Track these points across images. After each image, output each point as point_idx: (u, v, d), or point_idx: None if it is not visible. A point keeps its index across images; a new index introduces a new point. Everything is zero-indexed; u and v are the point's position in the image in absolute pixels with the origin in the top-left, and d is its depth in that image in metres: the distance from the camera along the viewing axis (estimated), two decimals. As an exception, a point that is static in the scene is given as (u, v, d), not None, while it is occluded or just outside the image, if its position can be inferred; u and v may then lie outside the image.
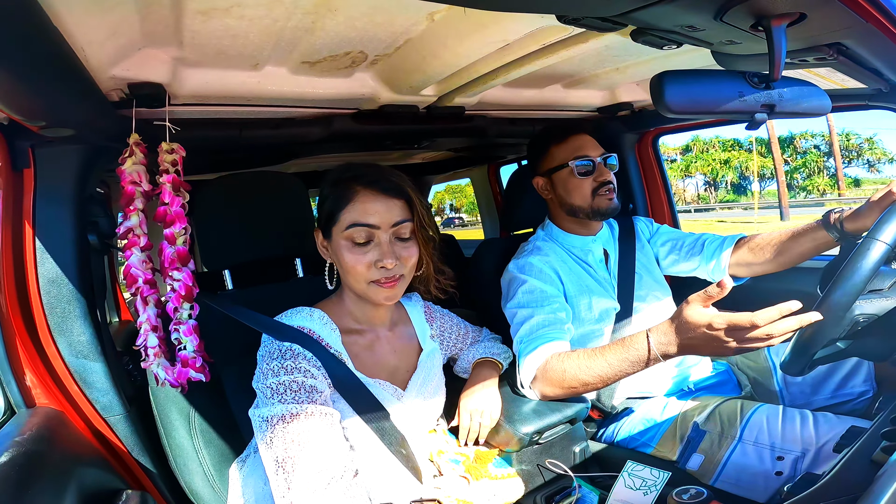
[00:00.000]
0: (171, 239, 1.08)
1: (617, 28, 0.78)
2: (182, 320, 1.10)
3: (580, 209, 1.53)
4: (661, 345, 1.07)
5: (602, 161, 1.51)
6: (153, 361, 1.09)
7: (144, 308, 1.10)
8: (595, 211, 1.52)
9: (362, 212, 1.01)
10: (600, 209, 1.51)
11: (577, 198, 1.52)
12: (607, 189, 1.50)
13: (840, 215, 1.27)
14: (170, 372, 1.10)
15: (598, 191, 1.50)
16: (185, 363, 1.10)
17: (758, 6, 0.67)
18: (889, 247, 0.87)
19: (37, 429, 0.91)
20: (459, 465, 1.15)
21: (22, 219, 1.04)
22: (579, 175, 1.50)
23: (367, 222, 1.01)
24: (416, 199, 1.06)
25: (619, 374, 1.15)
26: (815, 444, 1.13)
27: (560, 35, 1.00)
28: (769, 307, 0.93)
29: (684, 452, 1.29)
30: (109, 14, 0.75)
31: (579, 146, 1.52)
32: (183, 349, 1.10)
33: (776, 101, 0.82)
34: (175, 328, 1.10)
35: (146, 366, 1.10)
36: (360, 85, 1.25)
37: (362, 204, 1.02)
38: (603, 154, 1.52)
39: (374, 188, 1.02)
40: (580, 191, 1.51)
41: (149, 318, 1.09)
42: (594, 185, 1.50)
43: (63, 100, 0.82)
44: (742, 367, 1.62)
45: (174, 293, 1.09)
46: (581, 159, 1.50)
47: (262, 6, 0.81)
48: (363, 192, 1.02)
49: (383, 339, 1.15)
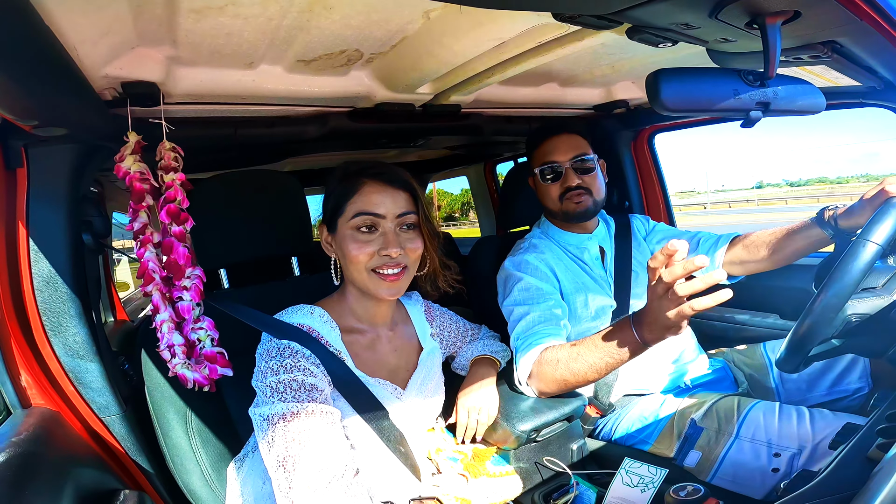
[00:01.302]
0: (181, 236, 1.07)
1: (613, 26, 0.78)
2: (198, 317, 1.09)
3: (553, 213, 1.57)
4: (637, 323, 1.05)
5: (572, 166, 1.51)
6: (181, 361, 1.08)
7: (165, 306, 1.08)
8: (565, 214, 1.54)
9: (368, 202, 1.03)
10: (568, 213, 1.53)
11: (547, 201, 1.57)
12: (574, 194, 1.51)
13: (834, 212, 1.27)
14: (198, 370, 1.09)
15: (565, 195, 1.51)
16: (212, 359, 1.09)
17: (753, 4, 0.67)
18: (880, 247, 0.88)
19: (33, 429, 0.90)
20: (458, 463, 1.16)
21: (15, 219, 1.03)
22: (544, 181, 1.54)
23: (373, 211, 1.02)
24: (421, 194, 1.08)
25: (609, 360, 1.12)
26: (811, 441, 1.13)
27: (556, 33, 1.00)
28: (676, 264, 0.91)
29: (681, 449, 1.29)
30: (102, 13, 0.74)
31: (549, 151, 1.54)
32: (203, 347, 1.09)
33: (771, 98, 0.82)
34: (194, 327, 1.09)
35: (173, 366, 1.08)
36: (355, 83, 1.25)
37: (368, 195, 1.03)
38: (575, 157, 1.51)
39: (380, 179, 1.05)
40: (549, 195, 1.55)
41: (171, 315, 1.08)
42: (560, 191, 1.52)
43: (56, 99, 0.81)
44: (738, 363, 1.62)
45: (190, 291, 1.08)
46: (546, 165, 1.53)
47: (257, 4, 0.80)
48: (369, 183, 1.04)
49: (384, 338, 1.15)
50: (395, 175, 1.06)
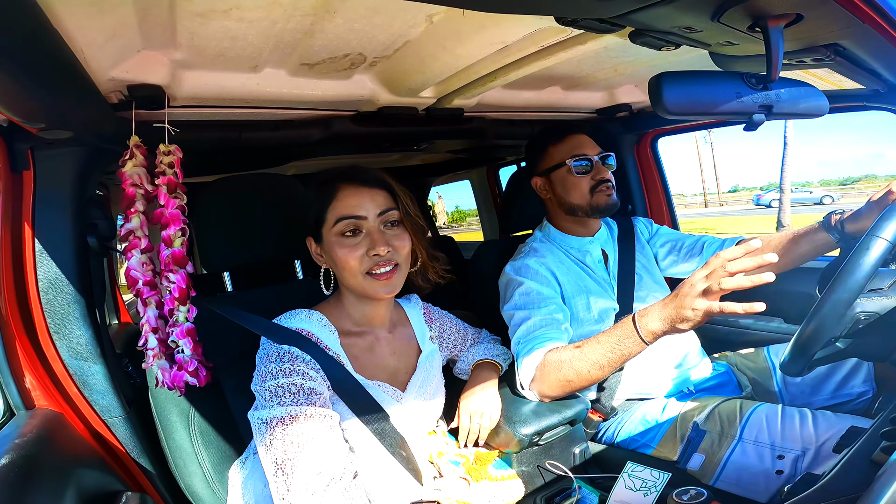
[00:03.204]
0: (167, 241, 1.08)
1: (615, 29, 0.78)
2: (178, 323, 1.10)
3: (579, 207, 1.54)
4: (642, 318, 1.09)
5: (600, 160, 1.53)
6: (152, 363, 1.09)
7: (145, 310, 1.10)
8: (594, 208, 1.53)
9: (347, 205, 1.03)
10: (599, 206, 1.52)
11: (575, 196, 1.53)
12: (606, 186, 1.51)
13: (841, 217, 1.27)
14: (166, 374, 1.10)
15: (597, 188, 1.51)
16: (180, 366, 1.10)
17: (755, 7, 0.67)
18: (890, 243, 0.87)
19: (36, 430, 0.91)
20: (459, 467, 1.15)
21: (21, 221, 1.04)
22: (577, 174, 1.52)
23: (354, 214, 1.03)
24: (399, 190, 1.08)
25: (610, 356, 1.14)
26: (815, 443, 1.13)
27: (559, 37, 1.01)
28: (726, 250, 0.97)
29: (685, 452, 1.29)
30: (108, 16, 0.75)
31: (577, 145, 1.54)
32: (181, 352, 1.10)
33: (774, 102, 0.82)
34: (170, 330, 1.10)
35: (146, 366, 1.10)
36: (359, 87, 1.25)
37: (346, 199, 1.04)
38: (601, 153, 1.53)
39: (354, 182, 1.05)
40: (578, 189, 1.53)
41: (148, 319, 1.09)
42: (592, 183, 1.52)
43: (62, 102, 0.82)
44: (742, 367, 1.62)
45: (169, 295, 1.09)
46: (579, 158, 1.52)
47: (261, 8, 0.81)
48: (344, 187, 1.05)
49: (382, 340, 1.15)
50: (369, 175, 1.07)
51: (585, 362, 1.17)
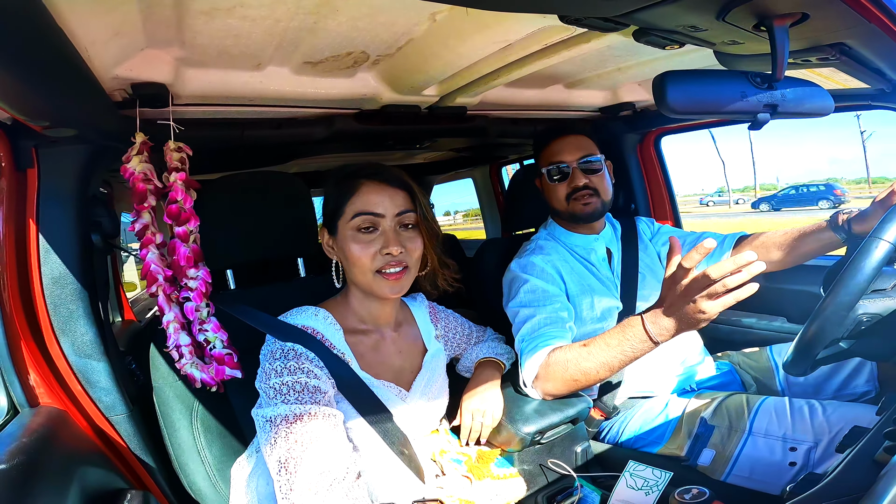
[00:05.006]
0: (184, 237, 1.08)
1: (619, 28, 0.78)
2: (205, 318, 1.10)
3: (560, 213, 1.57)
4: (651, 316, 1.07)
5: (579, 165, 1.51)
6: (189, 361, 1.08)
7: (170, 307, 1.09)
8: (571, 215, 1.54)
9: (366, 202, 1.03)
10: (575, 214, 1.53)
11: (554, 202, 1.56)
12: (581, 194, 1.51)
13: (848, 216, 1.27)
14: (206, 371, 1.09)
15: (572, 196, 1.52)
16: (220, 361, 1.09)
17: (760, 6, 0.67)
18: (893, 246, 0.87)
19: (40, 428, 0.91)
20: (462, 465, 1.15)
21: (25, 218, 1.04)
22: (551, 181, 1.54)
23: (372, 210, 1.03)
24: (419, 193, 1.08)
25: (619, 357, 1.13)
26: (827, 434, 1.13)
27: (562, 35, 1.00)
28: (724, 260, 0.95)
29: (693, 448, 1.29)
30: (112, 14, 0.75)
31: (556, 151, 1.54)
32: (213, 348, 1.09)
33: (779, 101, 0.82)
34: (201, 327, 1.10)
35: (181, 366, 1.09)
36: (362, 85, 1.25)
37: (366, 195, 1.04)
38: (582, 157, 1.52)
39: (376, 179, 1.05)
40: (556, 195, 1.55)
41: (176, 315, 1.09)
42: (568, 191, 1.52)
43: (67, 100, 0.82)
44: (744, 367, 1.61)
45: (194, 292, 1.09)
46: (553, 165, 1.53)
47: (265, 6, 0.81)
48: (367, 183, 1.05)
49: (388, 339, 1.15)
50: (392, 174, 1.07)
51: (593, 362, 1.16)
